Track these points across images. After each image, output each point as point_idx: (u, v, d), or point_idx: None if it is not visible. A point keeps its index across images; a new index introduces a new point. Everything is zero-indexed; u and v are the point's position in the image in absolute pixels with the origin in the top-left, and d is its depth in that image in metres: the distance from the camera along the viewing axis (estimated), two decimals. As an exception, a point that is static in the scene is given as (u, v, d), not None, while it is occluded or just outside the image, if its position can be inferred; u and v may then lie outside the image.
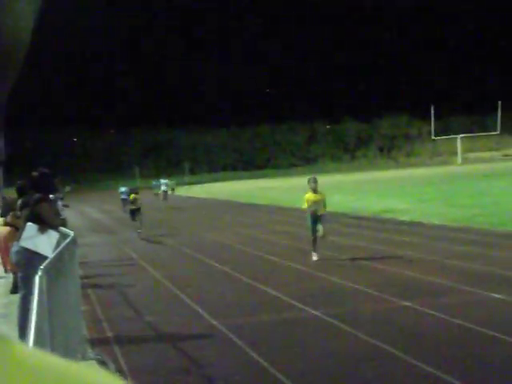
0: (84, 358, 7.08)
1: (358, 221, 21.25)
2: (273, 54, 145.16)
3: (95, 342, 7.84)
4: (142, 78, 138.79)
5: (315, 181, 12.80)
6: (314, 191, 12.80)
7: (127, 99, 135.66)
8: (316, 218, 12.67)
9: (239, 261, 14.12)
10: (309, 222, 12.80)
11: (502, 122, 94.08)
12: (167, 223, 25.97)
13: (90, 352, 7.37)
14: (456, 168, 75.01)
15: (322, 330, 7.76)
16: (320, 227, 12.66)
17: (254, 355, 6.84)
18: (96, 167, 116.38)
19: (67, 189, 19.03)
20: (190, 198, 48.86)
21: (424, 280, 10.42)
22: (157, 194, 42.00)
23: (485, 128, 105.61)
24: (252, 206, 33.39)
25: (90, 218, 33.80)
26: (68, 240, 7.61)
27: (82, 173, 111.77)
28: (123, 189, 34.15)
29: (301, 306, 9.08)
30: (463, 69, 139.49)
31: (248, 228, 21.58)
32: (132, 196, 21.65)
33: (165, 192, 40.03)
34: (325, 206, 12.84)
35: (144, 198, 21.69)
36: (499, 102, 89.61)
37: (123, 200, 32.58)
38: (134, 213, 21.19)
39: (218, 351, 7.16)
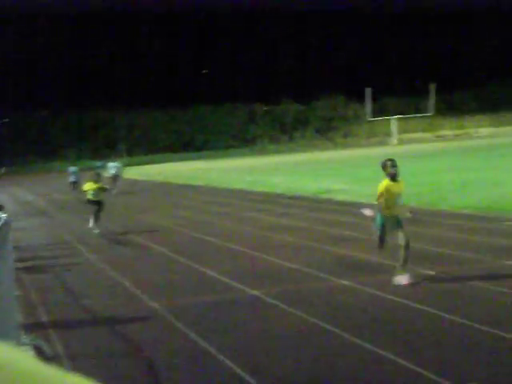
0: (18, 343, 6.90)
1: (295, 201, 21.41)
2: (211, 34, 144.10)
3: (30, 328, 7.66)
4: (78, 56, 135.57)
5: (395, 164, 9.09)
6: (393, 179, 9.05)
7: (61, 78, 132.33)
8: (394, 220, 8.88)
9: (177, 242, 14.03)
10: (378, 224, 9.22)
11: (434, 104, 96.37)
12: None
13: (24, 337, 7.19)
14: (391, 148, 76.39)
15: (261, 310, 7.79)
16: (402, 232, 8.68)
17: (194, 337, 6.81)
18: (29, 149, 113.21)
19: (2, 170, 18.22)
20: (126, 180, 48.18)
21: (361, 258, 10.60)
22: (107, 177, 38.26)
23: (419, 110, 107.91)
24: (190, 188, 33.22)
25: (23, 201, 32.94)
26: (0, 223, 7.37)
27: (15, 155, 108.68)
28: (72, 169, 32.17)
29: (240, 286, 9.09)
30: (397, 51, 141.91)
31: (185, 209, 21.46)
32: (89, 185, 16.54)
33: (116, 176, 32.20)
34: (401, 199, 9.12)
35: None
36: (433, 85, 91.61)
37: (72, 183, 31.22)
38: (93, 205, 16.64)
39: (157, 334, 7.10)
